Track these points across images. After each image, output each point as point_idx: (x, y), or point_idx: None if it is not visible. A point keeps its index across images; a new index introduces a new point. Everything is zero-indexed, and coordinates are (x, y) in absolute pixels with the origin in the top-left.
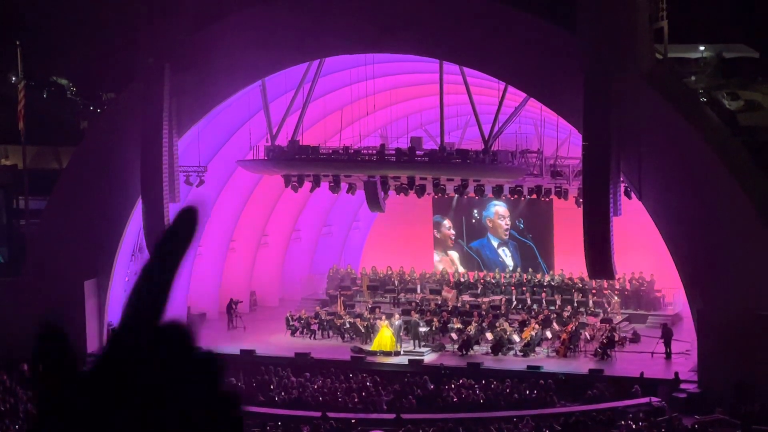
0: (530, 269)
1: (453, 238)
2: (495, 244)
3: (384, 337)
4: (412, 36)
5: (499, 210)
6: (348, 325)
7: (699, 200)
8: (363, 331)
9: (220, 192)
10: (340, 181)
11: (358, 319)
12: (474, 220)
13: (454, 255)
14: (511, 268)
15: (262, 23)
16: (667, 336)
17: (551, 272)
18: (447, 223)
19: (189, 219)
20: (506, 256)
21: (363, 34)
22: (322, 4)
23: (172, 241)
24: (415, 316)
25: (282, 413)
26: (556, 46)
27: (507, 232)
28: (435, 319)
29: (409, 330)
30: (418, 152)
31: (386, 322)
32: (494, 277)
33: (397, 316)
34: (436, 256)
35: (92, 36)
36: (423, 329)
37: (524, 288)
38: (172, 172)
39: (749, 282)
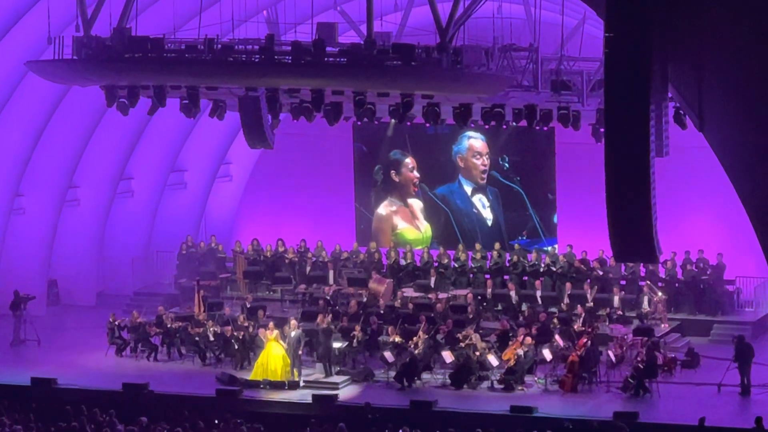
0: (517, 245)
1: (417, 182)
2: (468, 190)
3: (272, 358)
4: None
5: (474, 144)
6: (212, 338)
7: None
8: (237, 347)
9: None
10: (199, 96)
11: (229, 328)
12: (442, 158)
13: (416, 204)
14: (490, 223)
15: None
16: (744, 357)
17: (553, 248)
18: (410, 161)
19: None
20: (483, 207)
21: None
22: None
23: None
24: (324, 323)
25: None
26: None
27: (484, 175)
28: (357, 328)
29: (314, 346)
30: (329, 49)
31: (276, 332)
32: (457, 259)
33: (294, 322)
34: (386, 209)
35: None
36: (337, 344)
37: (507, 276)
38: None
39: None
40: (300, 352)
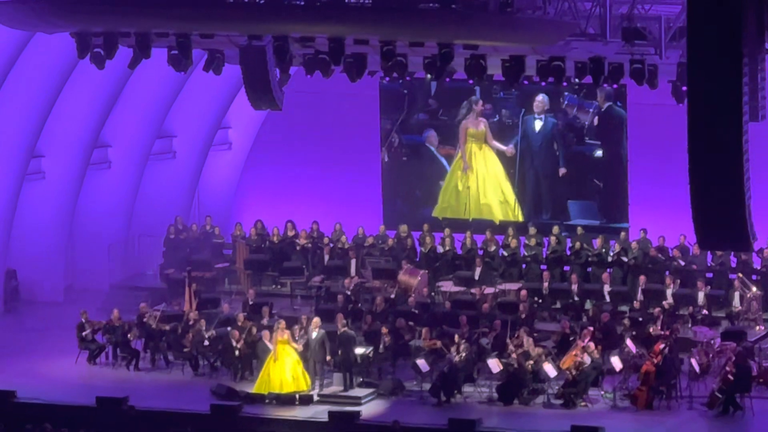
0: (579, 228)
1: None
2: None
3: (280, 367)
4: None
5: (540, 101)
6: (207, 343)
7: None
8: (237, 354)
9: None
10: (191, 46)
11: (229, 331)
12: (509, 122)
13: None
14: (547, 201)
15: None
16: None
17: (622, 235)
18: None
19: None
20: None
21: None
22: None
23: None
24: (342, 325)
25: None
26: None
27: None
28: (384, 330)
29: (331, 352)
30: None
31: (286, 334)
32: (506, 246)
33: (316, 320)
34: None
35: None
36: (359, 351)
37: (567, 267)
38: None
39: None
40: (328, 358)
